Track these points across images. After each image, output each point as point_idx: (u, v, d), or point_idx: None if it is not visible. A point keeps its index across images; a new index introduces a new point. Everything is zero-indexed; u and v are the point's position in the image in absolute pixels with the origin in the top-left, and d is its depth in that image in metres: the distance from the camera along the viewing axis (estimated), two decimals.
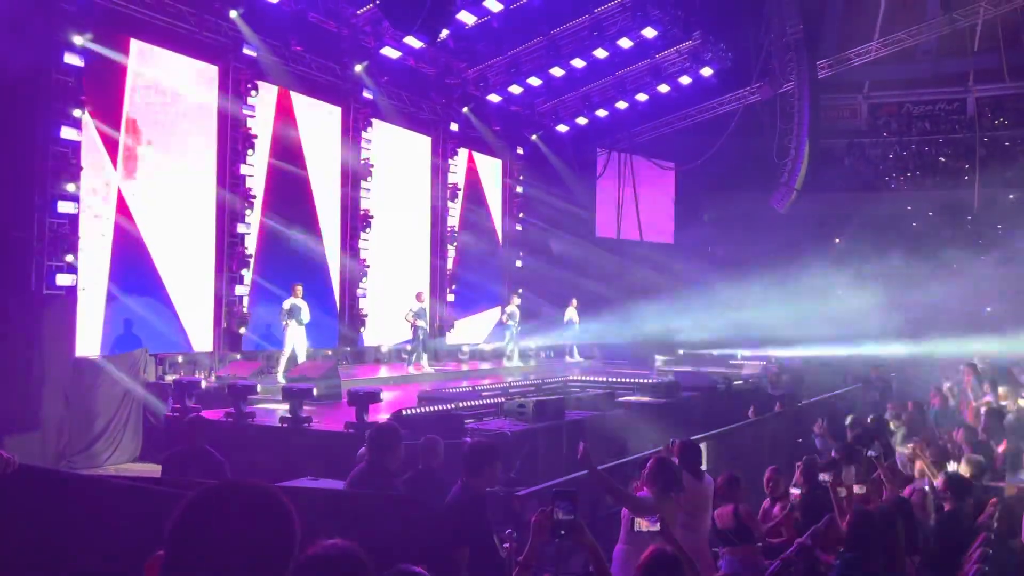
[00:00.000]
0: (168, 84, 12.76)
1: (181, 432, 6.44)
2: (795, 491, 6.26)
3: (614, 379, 13.63)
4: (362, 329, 16.52)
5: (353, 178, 16.34)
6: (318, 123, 15.89)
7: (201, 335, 13.31)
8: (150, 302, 12.38)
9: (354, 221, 16.39)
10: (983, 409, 9.65)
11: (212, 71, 13.54)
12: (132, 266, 12.18)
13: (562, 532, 2.90)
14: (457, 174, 19.34)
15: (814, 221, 22.85)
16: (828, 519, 5.71)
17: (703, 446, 7.29)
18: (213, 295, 13.47)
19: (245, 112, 13.57)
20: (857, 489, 5.78)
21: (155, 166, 12.57)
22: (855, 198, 23.45)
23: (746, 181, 22.21)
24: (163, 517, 1.44)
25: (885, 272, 20.36)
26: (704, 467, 5.91)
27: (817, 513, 5.91)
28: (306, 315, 13.13)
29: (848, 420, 9.31)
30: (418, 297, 15.88)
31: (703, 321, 19.79)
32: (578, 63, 18.54)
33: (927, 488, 6.41)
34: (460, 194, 19.43)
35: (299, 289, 13.27)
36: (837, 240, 23.93)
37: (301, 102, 15.45)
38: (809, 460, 6.74)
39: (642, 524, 3.80)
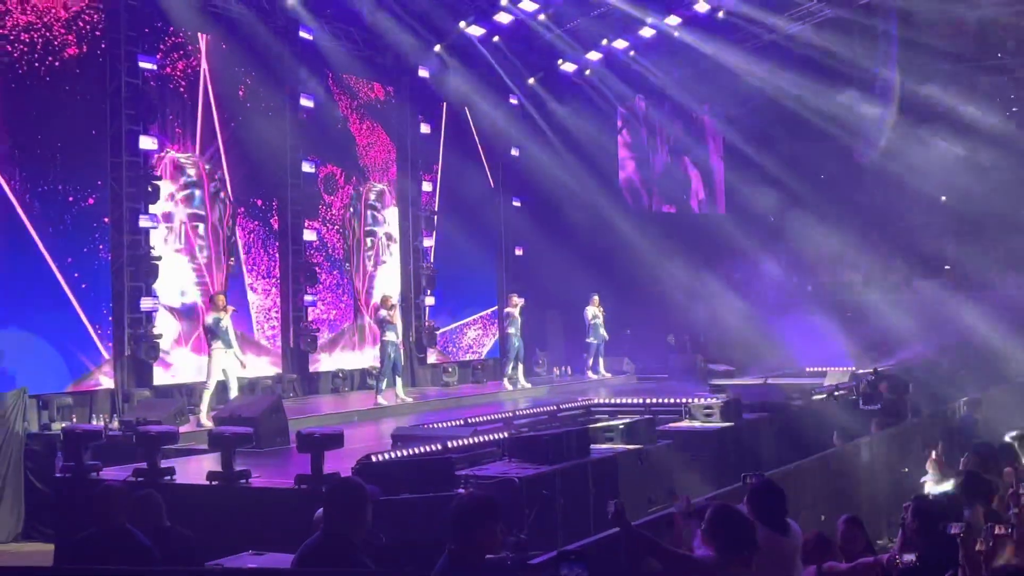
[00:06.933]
0: None
1: (83, 504, 6.34)
2: (906, 558, 5.69)
3: (653, 400, 13.57)
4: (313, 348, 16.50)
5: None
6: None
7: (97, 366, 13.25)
8: (25, 327, 12.33)
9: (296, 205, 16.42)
10: None
11: None
12: None
13: None
14: (432, 135, 19.28)
15: (915, 175, 22.72)
16: None
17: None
18: (111, 311, 13.42)
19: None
20: (998, 530, 5.33)
21: None
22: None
23: (815, 128, 22.14)
24: None
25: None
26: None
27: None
28: (233, 336, 12.91)
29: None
30: (384, 302, 15.74)
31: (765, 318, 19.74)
32: None
33: None
34: (439, 163, 19.45)
35: (222, 299, 13.13)
36: (943, 198, 23.85)
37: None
38: (923, 501, 6.60)
39: None
